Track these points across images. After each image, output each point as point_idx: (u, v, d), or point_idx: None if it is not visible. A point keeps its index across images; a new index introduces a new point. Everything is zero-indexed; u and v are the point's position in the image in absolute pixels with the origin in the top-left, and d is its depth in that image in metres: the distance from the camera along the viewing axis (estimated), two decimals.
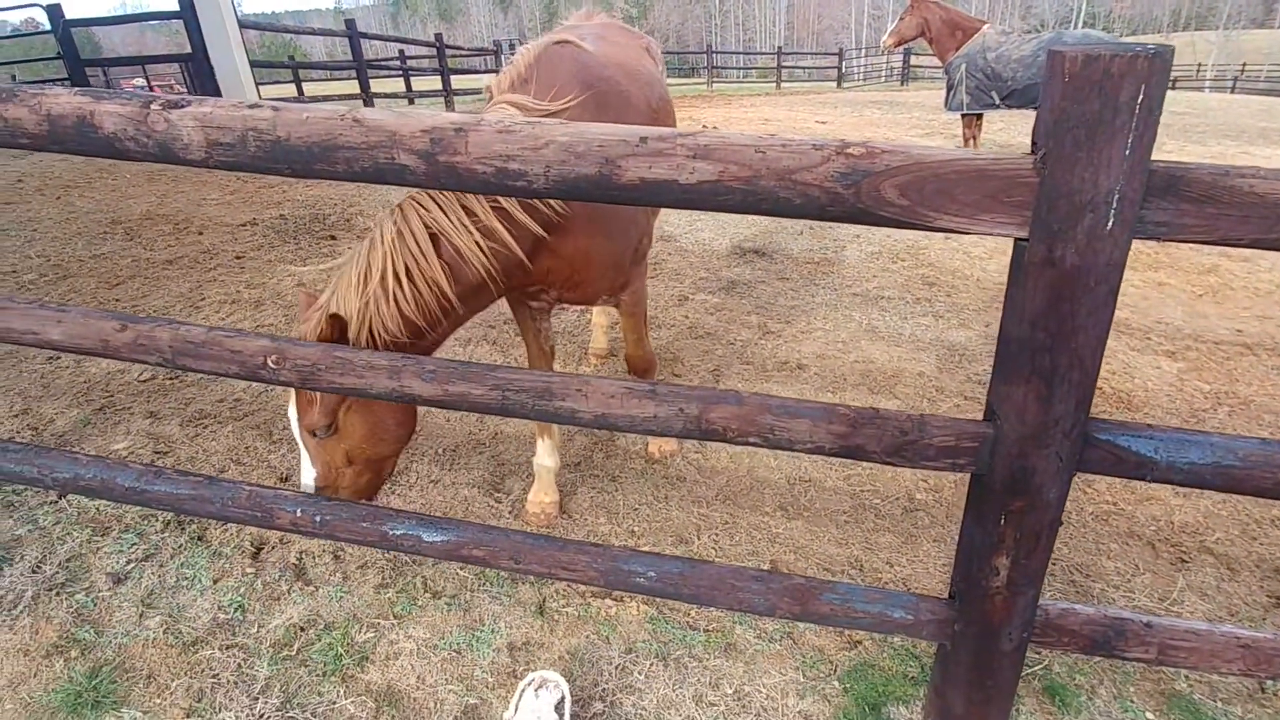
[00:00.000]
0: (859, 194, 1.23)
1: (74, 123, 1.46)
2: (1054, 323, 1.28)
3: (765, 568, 2.43)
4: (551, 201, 1.92)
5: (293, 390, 1.90)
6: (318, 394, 1.87)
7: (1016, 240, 1.29)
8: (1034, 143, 1.24)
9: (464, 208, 1.84)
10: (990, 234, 1.25)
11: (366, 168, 1.38)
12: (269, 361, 1.66)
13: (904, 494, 2.84)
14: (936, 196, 1.22)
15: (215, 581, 2.30)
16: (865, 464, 2.99)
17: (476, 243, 1.85)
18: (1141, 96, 1.12)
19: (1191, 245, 5.91)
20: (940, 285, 5.03)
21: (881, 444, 1.47)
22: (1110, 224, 1.19)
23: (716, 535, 2.59)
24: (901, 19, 8.61)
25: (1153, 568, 2.49)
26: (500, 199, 1.85)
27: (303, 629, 2.14)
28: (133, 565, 2.35)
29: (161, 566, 2.35)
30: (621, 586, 1.78)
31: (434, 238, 1.84)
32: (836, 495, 2.83)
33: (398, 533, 1.85)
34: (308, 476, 1.96)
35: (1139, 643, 1.63)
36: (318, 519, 1.88)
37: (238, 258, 5.25)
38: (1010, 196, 1.21)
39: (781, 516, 2.70)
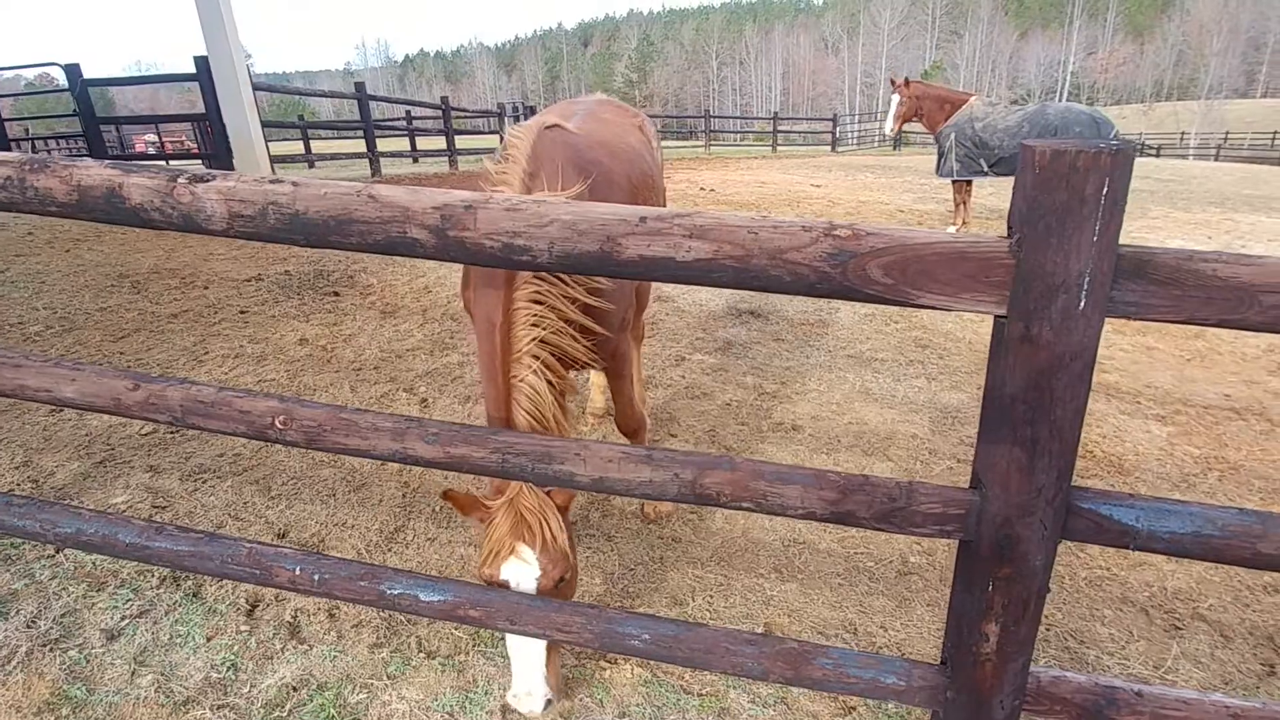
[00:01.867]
0: (845, 273, 1.30)
1: (103, 194, 1.54)
2: (1033, 396, 1.34)
3: (760, 630, 2.43)
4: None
5: (522, 556, 1.92)
6: (558, 548, 1.94)
7: (996, 317, 1.35)
8: (1010, 227, 1.32)
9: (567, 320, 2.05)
10: (971, 311, 1.32)
11: (379, 240, 1.45)
12: (276, 422, 1.70)
13: (898, 557, 2.85)
14: (919, 276, 1.30)
15: (209, 639, 2.29)
16: (858, 532, 3.00)
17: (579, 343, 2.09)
18: (1106, 189, 1.20)
19: None
20: (933, 347, 5.12)
21: (871, 510, 1.51)
22: (1082, 304, 1.26)
23: (711, 597, 2.60)
24: (899, 103, 8.90)
25: (1147, 634, 2.50)
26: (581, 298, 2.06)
27: (295, 689, 2.13)
28: (126, 621, 2.34)
29: (155, 623, 2.34)
30: (616, 649, 1.79)
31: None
32: (830, 558, 2.84)
33: (395, 592, 1.87)
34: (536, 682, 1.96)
35: (1130, 712, 1.64)
36: (316, 577, 1.90)
37: (242, 312, 5.34)
38: (989, 277, 1.29)
39: (776, 579, 2.71)
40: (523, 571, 1.91)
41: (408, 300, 5.82)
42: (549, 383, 1.99)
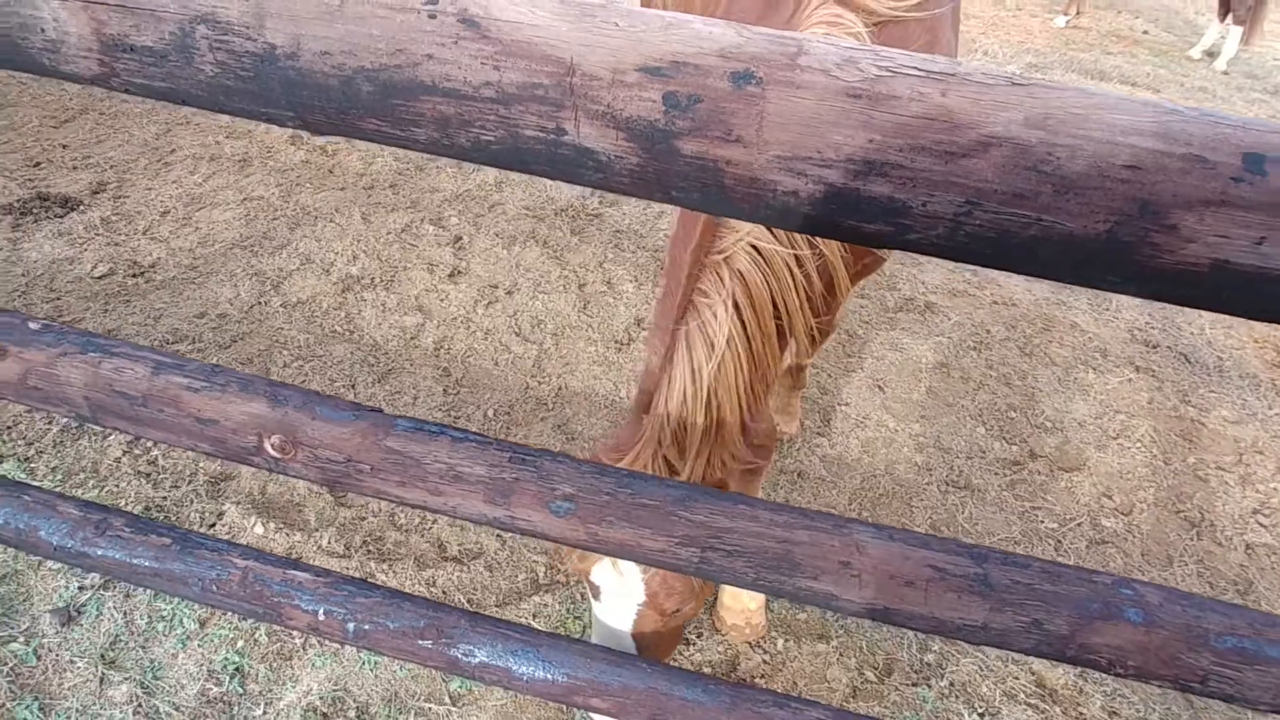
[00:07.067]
0: None
1: None
2: None
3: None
4: None
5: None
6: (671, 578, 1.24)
7: None
8: None
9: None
10: None
11: (489, 141, 0.58)
12: (267, 445, 0.92)
13: (1086, 517, 2.22)
14: None
15: (202, 625, 1.68)
16: (1034, 473, 2.34)
17: None
18: None
19: None
20: None
21: None
22: None
23: None
24: None
25: None
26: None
27: (325, 715, 1.55)
28: (87, 594, 1.72)
29: (127, 597, 1.72)
30: None
31: None
32: (1001, 512, 2.20)
33: (474, 661, 1.21)
34: None
35: None
36: (351, 627, 1.23)
37: None
38: None
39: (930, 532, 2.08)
40: (619, 585, 1.27)
41: None
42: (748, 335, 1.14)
